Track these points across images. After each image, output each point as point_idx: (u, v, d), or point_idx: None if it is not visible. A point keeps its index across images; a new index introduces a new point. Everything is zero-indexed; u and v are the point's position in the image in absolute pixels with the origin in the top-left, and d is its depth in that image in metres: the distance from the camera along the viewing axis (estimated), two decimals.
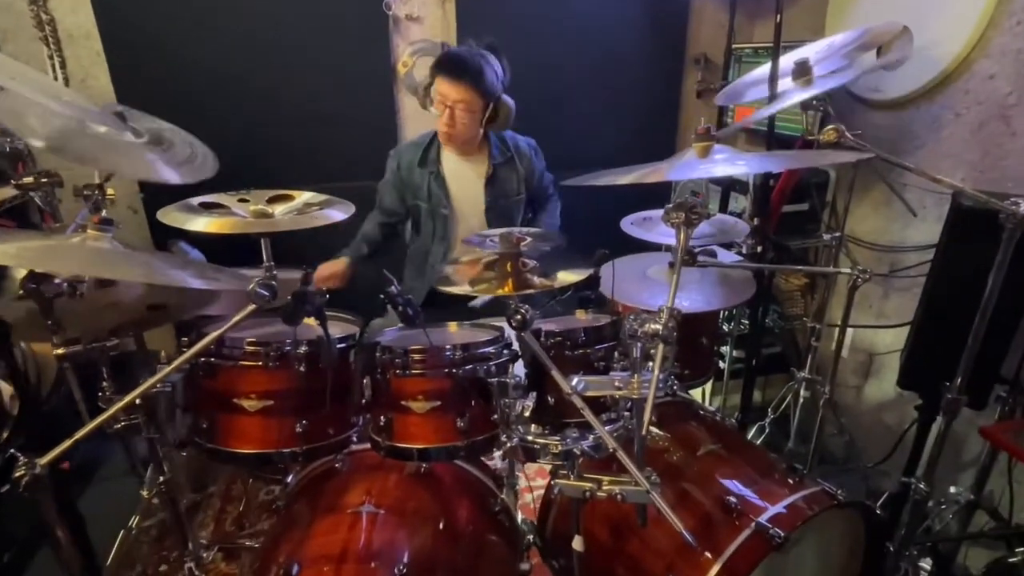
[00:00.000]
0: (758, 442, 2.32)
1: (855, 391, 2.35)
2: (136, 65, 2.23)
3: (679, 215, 1.01)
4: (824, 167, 2.22)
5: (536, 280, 1.05)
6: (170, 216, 1.04)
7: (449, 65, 1.75)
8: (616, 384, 1.07)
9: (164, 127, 1.52)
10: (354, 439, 1.30)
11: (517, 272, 1.03)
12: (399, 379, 1.15)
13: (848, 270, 1.49)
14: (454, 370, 1.13)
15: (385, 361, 1.15)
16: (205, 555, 1.50)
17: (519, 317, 1.05)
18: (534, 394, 1.20)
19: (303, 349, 1.18)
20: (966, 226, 1.47)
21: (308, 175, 2.45)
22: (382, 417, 1.19)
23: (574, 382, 1.08)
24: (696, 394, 2.67)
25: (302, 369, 1.18)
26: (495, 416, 1.17)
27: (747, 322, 2.12)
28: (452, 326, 1.38)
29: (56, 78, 2.17)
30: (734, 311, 2.28)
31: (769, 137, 1.78)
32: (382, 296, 1.07)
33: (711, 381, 2.53)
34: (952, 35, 1.80)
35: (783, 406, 2.28)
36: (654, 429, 1.61)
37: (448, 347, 1.16)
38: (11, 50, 2.11)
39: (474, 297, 1.84)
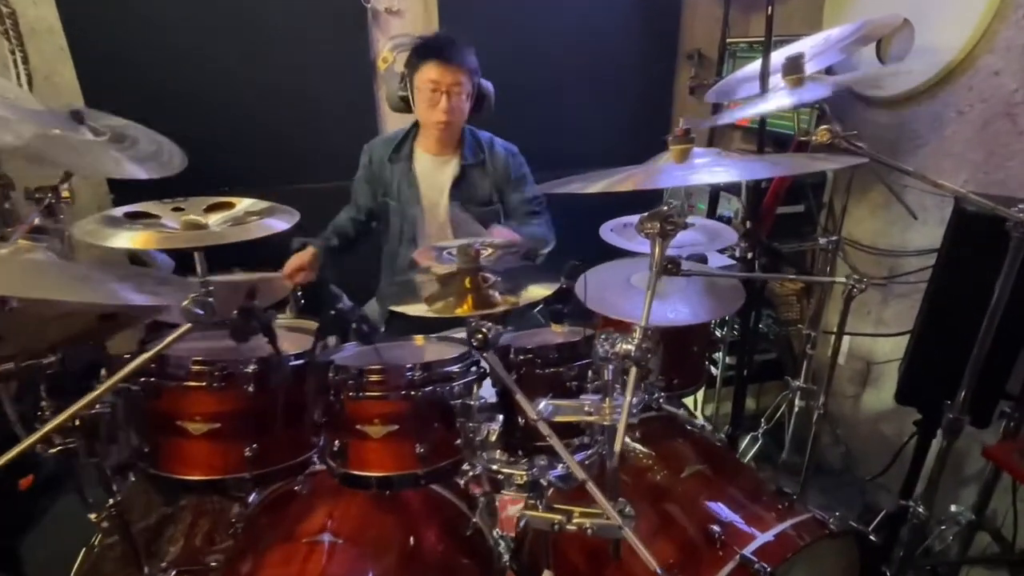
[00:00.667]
0: (751, 453, 2.24)
1: (852, 401, 2.26)
2: (103, 61, 2.13)
3: (654, 225, 0.92)
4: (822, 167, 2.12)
5: (499, 297, 0.96)
6: (89, 231, 0.94)
7: (439, 48, 1.68)
8: (586, 408, 0.98)
9: (125, 125, 1.46)
10: (315, 461, 1.21)
11: (477, 288, 0.95)
12: (353, 402, 1.06)
13: (843, 279, 1.40)
14: (412, 392, 1.05)
15: (338, 382, 1.06)
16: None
17: (480, 336, 0.96)
18: (502, 417, 1.11)
19: (252, 368, 1.10)
20: (969, 232, 1.38)
21: (284, 173, 2.37)
22: (336, 442, 1.10)
23: (540, 406, 0.99)
24: (689, 402, 2.59)
25: (251, 389, 1.10)
26: (459, 441, 1.08)
27: (739, 328, 2.02)
28: (418, 339, 1.29)
29: (18, 75, 2.08)
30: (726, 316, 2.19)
31: (760, 138, 1.69)
32: (332, 313, 0.98)
33: (703, 389, 2.45)
34: (955, 29, 1.70)
35: (777, 415, 2.19)
36: (637, 446, 1.53)
37: (407, 366, 1.07)
38: None
39: None
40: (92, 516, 1.31)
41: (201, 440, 1.10)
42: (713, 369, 2.38)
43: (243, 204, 1.01)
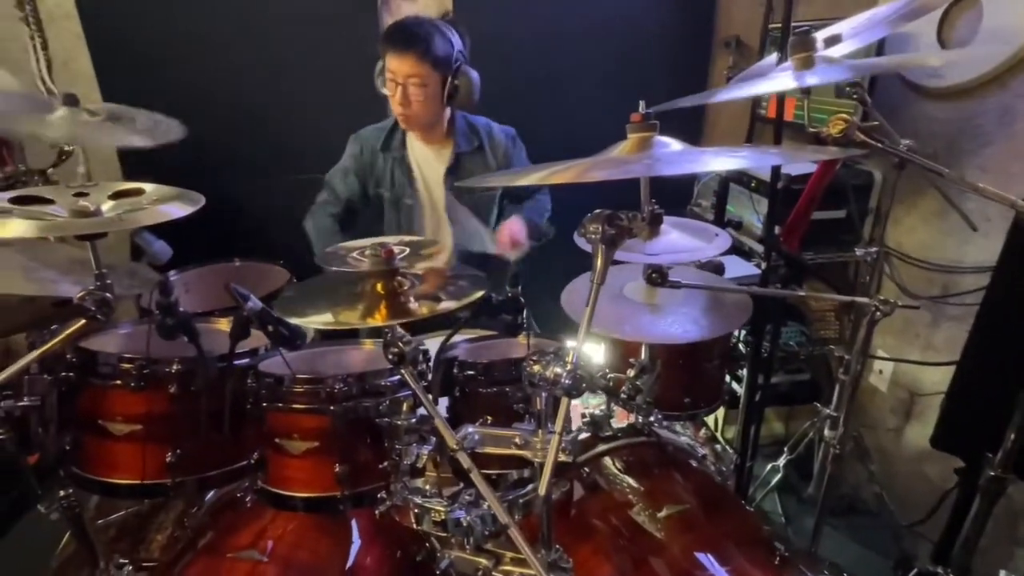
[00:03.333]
0: (772, 483, 2.01)
1: (893, 435, 1.99)
2: (117, 47, 2.14)
3: (596, 228, 0.76)
4: (866, 167, 1.87)
5: (417, 305, 0.83)
6: None
7: (395, 36, 1.55)
8: (517, 441, 0.84)
9: (119, 108, 1.46)
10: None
11: (392, 294, 0.82)
12: (272, 413, 0.96)
13: (866, 300, 1.19)
14: (333, 406, 0.94)
15: (255, 389, 0.96)
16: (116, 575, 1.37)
17: (395, 351, 0.84)
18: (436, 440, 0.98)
19: (175, 368, 1.02)
20: None
21: (292, 161, 2.33)
22: (256, 453, 1.01)
23: (463, 432, 0.86)
24: (710, 422, 2.38)
25: (173, 391, 1.02)
26: (385, 464, 0.97)
27: (751, 344, 1.80)
28: (367, 344, 1.18)
29: (38, 60, 2.12)
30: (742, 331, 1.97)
31: (777, 129, 1.47)
32: (244, 315, 0.88)
33: (723, 409, 2.24)
34: None
35: (803, 443, 1.96)
36: (628, 479, 1.36)
37: (334, 376, 0.96)
38: None
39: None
40: (41, 507, 1.28)
41: (123, 442, 1.03)
42: (737, 387, 2.17)
43: (151, 190, 0.92)
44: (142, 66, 2.16)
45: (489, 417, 1.05)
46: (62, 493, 1.20)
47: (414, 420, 0.96)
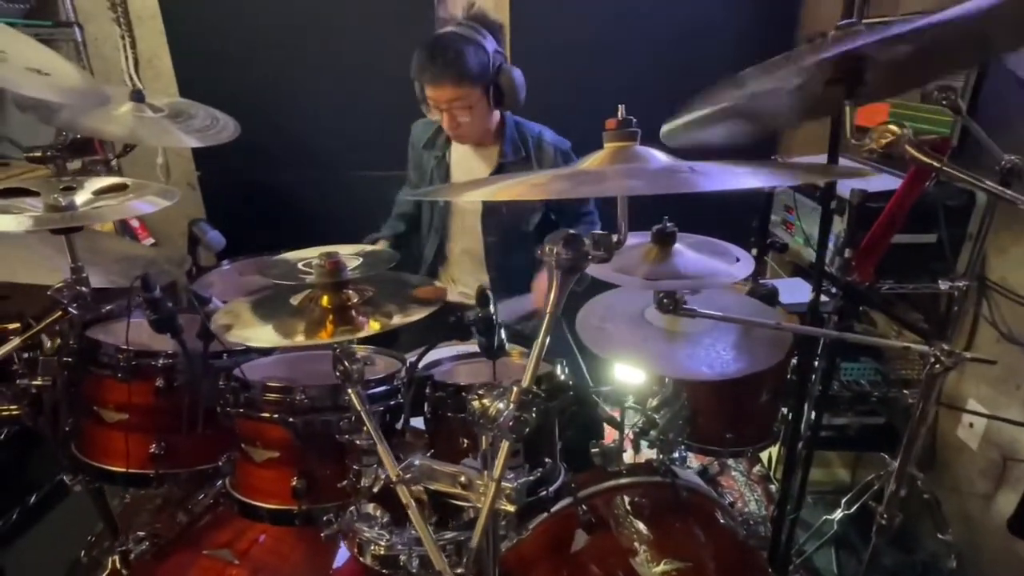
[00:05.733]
0: (824, 538, 1.78)
1: (982, 502, 1.69)
2: (195, 45, 2.27)
3: (554, 251, 0.67)
4: (961, 185, 1.59)
5: (366, 320, 0.77)
6: None
7: (425, 66, 1.48)
8: (462, 479, 0.76)
9: (183, 103, 1.57)
10: None
11: (340, 309, 0.77)
12: (239, 418, 0.94)
13: (920, 346, 0.98)
14: (292, 417, 0.90)
15: (223, 392, 0.95)
16: (134, 548, 1.44)
17: (342, 368, 0.78)
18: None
19: (161, 362, 1.03)
20: None
21: (349, 157, 2.38)
22: (226, 456, 1.00)
23: (408, 463, 0.79)
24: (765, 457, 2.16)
25: (160, 384, 1.03)
26: (344, 483, 0.92)
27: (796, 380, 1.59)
28: (358, 351, 1.14)
29: (127, 58, 2.29)
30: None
31: (833, 139, 1.26)
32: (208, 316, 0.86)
33: (776, 448, 2.01)
34: None
35: (864, 497, 1.71)
36: (637, 522, 1.23)
37: (300, 387, 0.92)
38: (92, 31, 2.27)
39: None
40: (65, 478, 1.36)
41: (112, 429, 1.06)
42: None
43: (132, 185, 0.93)
44: (216, 63, 2.27)
45: (466, 441, 0.98)
46: None
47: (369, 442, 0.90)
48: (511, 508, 0.72)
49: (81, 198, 0.85)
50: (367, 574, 1.12)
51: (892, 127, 0.77)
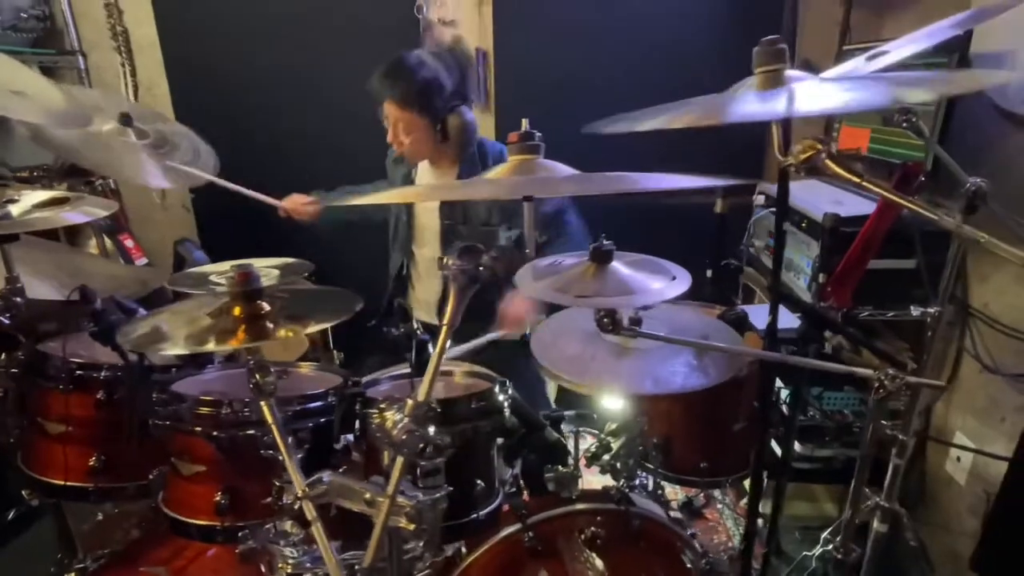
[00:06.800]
0: (804, 574, 1.70)
1: (970, 541, 1.60)
2: (191, 74, 2.35)
3: (454, 264, 0.66)
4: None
5: (276, 329, 0.77)
6: None
7: (379, 80, 1.55)
8: (366, 497, 0.74)
9: (172, 131, 1.60)
10: None
11: (250, 318, 0.77)
12: (168, 431, 0.94)
13: (867, 371, 0.95)
14: (217, 432, 0.90)
15: (155, 404, 0.95)
16: (91, 566, 1.43)
17: (254, 381, 0.78)
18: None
19: (102, 374, 1.04)
20: None
21: (339, 179, 2.42)
22: (157, 469, 0.99)
23: (315, 479, 0.78)
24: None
25: (100, 397, 1.04)
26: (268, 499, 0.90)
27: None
28: (303, 368, 1.14)
29: (126, 86, 2.38)
30: (781, 392, 1.71)
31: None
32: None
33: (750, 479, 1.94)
34: None
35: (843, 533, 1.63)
36: (587, 551, 1.19)
37: (227, 400, 0.92)
38: (94, 59, 2.36)
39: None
40: (24, 493, 1.36)
41: (54, 441, 1.07)
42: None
43: (72, 199, 0.95)
44: (211, 91, 2.35)
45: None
46: None
47: (300, 456, 0.89)
48: (409, 526, 0.70)
49: (18, 210, 0.87)
50: None
51: (812, 142, 0.76)
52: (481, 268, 0.64)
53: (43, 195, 0.95)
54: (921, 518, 1.82)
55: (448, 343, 0.67)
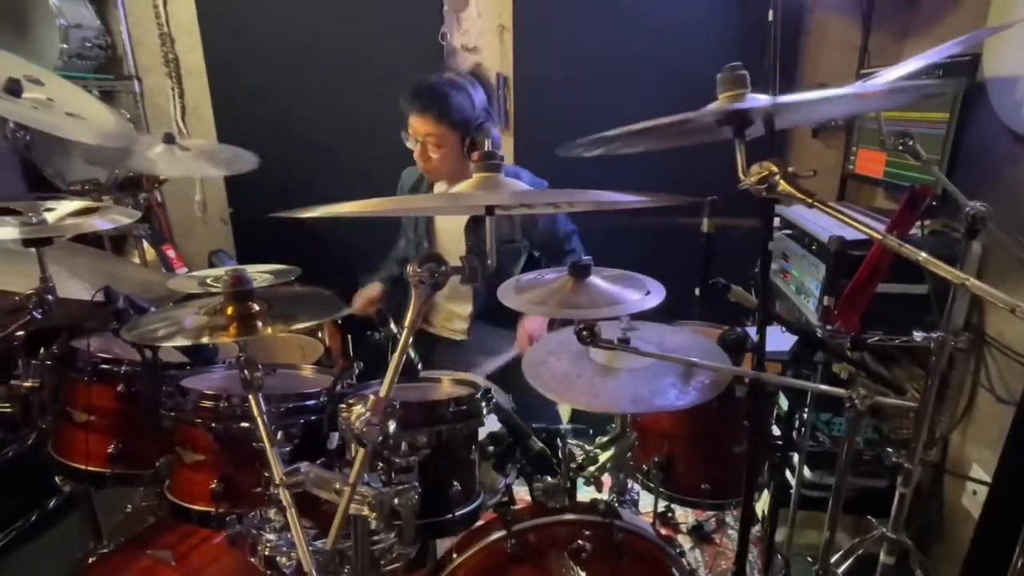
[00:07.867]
0: None
1: None
2: (233, 96, 2.53)
3: (423, 272, 0.72)
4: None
5: (265, 326, 0.84)
6: None
7: (414, 97, 1.62)
8: (336, 486, 0.80)
9: (210, 145, 1.78)
10: None
11: (241, 316, 0.84)
12: (173, 422, 1.02)
13: (843, 392, 0.96)
14: (215, 423, 0.97)
15: (163, 396, 1.03)
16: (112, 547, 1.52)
17: (243, 377, 0.85)
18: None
19: (124, 369, 1.14)
20: None
21: (366, 194, 2.53)
22: (163, 458, 1.08)
23: (294, 468, 0.84)
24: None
25: (120, 390, 1.14)
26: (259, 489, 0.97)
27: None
28: (305, 370, 1.21)
29: (175, 107, 2.57)
30: (794, 419, 1.68)
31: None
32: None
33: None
34: None
35: (847, 563, 1.59)
36: (571, 563, 1.21)
37: (228, 395, 1.00)
38: (148, 84, 2.57)
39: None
40: (58, 479, 1.48)
41: (78, 429, 1.17)
42: (790, 479, 1.86)
43: (101, 208, 1.06)
44: (252, 113, 2.52)
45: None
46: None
47: (288, 448, 0.96)
48: (371, 515, 0.75)
49: (53, 217, 0.98)
50: None
51: (768, 164, 0.79)
52: (439, 276, 0.70)
53: (77, 204, 1.06)
54: (939, 553, 1.75)
55: (408, 344, 0.72)
